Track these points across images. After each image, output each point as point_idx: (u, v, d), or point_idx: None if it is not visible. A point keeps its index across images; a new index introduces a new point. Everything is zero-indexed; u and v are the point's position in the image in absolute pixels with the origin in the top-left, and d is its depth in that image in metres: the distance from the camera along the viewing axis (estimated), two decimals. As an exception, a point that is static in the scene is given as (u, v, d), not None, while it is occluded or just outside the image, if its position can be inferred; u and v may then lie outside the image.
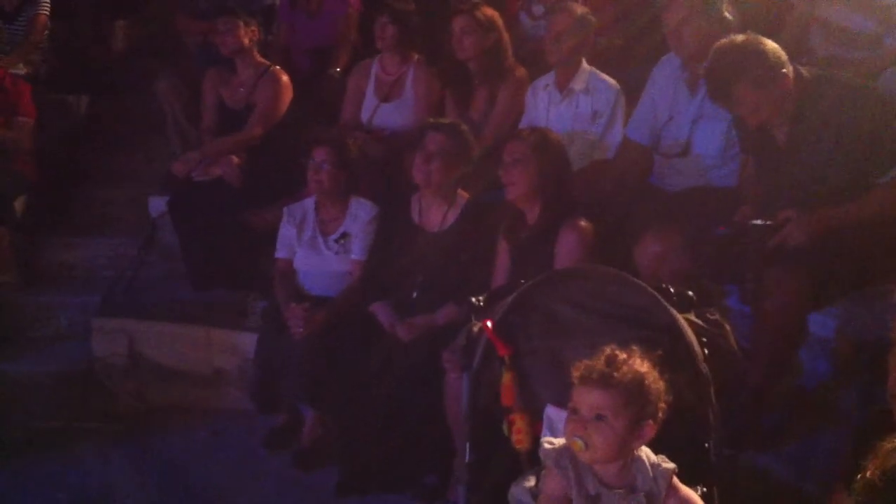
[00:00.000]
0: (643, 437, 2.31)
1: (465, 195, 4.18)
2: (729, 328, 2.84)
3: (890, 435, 1.87)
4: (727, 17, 4.06)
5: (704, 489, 2.47)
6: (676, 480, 2.35)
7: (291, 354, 4.08)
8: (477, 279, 3.87)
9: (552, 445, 2.38)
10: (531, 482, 2.53)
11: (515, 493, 2.56)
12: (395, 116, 4.98)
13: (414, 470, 3.94)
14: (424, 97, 4.96)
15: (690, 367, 2.55)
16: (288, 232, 4.40)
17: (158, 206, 5.38)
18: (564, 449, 2.35)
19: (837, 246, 3.46)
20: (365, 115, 5.05)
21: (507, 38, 4.80)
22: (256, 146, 5.08)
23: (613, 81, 4.52)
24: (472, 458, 2.69)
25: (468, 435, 2.72)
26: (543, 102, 4.57)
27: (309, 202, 4.43)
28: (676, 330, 2.59)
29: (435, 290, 4.04)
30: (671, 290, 2.75)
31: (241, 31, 5.12)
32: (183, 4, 6.04)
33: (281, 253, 4.40)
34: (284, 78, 5.16)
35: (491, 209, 4.10)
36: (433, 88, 4.98)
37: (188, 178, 5.03)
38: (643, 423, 2.30)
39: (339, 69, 5.46)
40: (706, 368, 2.58)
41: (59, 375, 4.76)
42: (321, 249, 4.34)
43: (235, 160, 4.99)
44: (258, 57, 5.23)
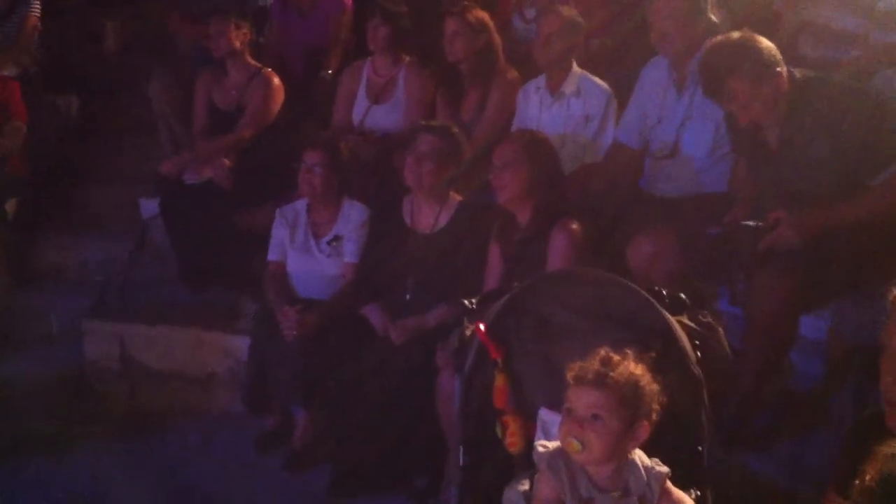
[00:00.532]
0: (638, 437, 2.32)
1: (457, 197, 4.19)
2: (721, 330, 2.85)
3: (884, 439, 1.87)
4: (712, 18, 4.08)
5: (698, 492, 2.48)
6: (670, 484, 2.36)
7: (284, 357, 4.08)
8: (469, 281, 3.88)
9: (546, 448, 2.38)
10: (525, 485, 2.53)
11: (509, 496, 2.56)
12: (386, 118, 4.98)
13: (406, 471, 3.95)
14: (416, 99, 4.96)
15: (683, 369, 2.56)
16: (280, 234, 4.40)
17: (150, 208, 5.37)
18: (558, 451, 2.36)
19: (829, 247, 3.47)
20: (357, 116, 5.05)
21: (498, 40, 4.80)
22: (248, 148, 5.08)
23: (605, 84, 4.52)
24: (465, 460, 2.70)
25: (461, 437, 2.72)
26: (535, 105, 4.57)
27: (301, 204, 4.43)
28: (669, 332, 2.60)
29: (427, 291, 4.04)
30: (663, 292, 2.76)
31: (232, 33, 5.11)
32: (175, 5, 6.02)
33: (273, 255, 4.40)
34: (276, 80, 5.15)
35: (483, 211, 4.10)
36: (425, 90, 4.98)
37: (179, 180, 5.02)
38: (638, 423, 2.31)
39: (330, 71, 5.46)
40: (699, 371, 2.58)
41: (50, 378, 4.74)
42: (313, 252, 4.34)
43: (226, 162, 4.98)
44: (250, 59, 5.22)
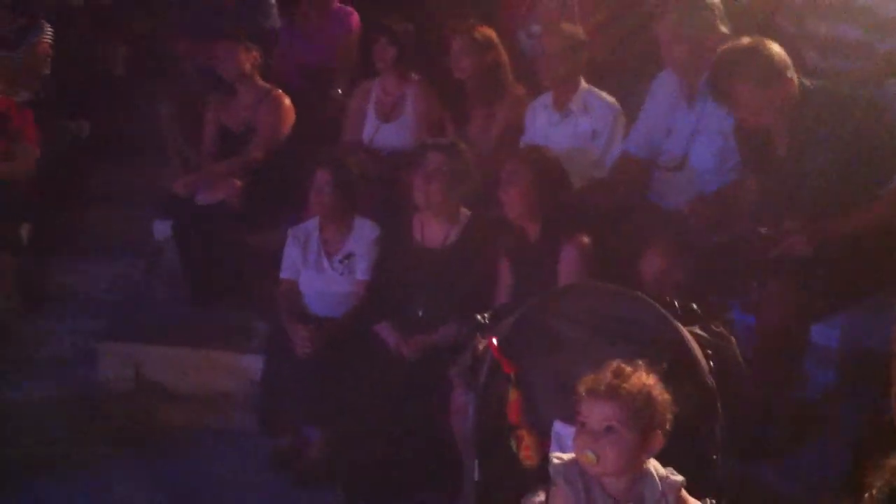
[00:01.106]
0: (652, 448, 2.33)
1: (467, 212, 4.21)
2: (734, 340, 2.86)
3: (894, 448, 1.87)
4: (723, 30, 4.08)
5: (713, 501, 2.49)
6: (685, 493, 2.37)
7: (297, 375, 4.09)
8: (480, 296, 3.89)
9: (561, 461, 2.39)
10: (541, 498, 2.53)
11: (525, 509, 2.57)
12: (396, 136, 5.01)
13: (420, 487, 3.95)
14: (425, 117, 5.00)
15: (696, 380, 2.57)
16: (292, 253, 4.41)
17: (163, 229, 5.39)
18: (573, 464, 2.36)
19: (839, 256, 3.47)
20: (366, 135, 5.08)
21: (505, 56, 4.83)
22: (258, 168, 5.10)
23: (612, 100, 4.54)
24: (480, 475, 2.70)
25: (475, 453, 2.73)
26: (543, 122, 4.59)
27: (312, 223, 4.45)
28: (682, 343, 2.61)
29: (439, 307, 4.05)
30: (675, 303, 2.78)
31: (241, 55, 5.12)
32: (183, 27, 6.07)
33: (286, 274, 4.41)
34: (286, 101, 5.18)
35: (493, 226, 4.12)
36: (433, 108, 5.02)
37: (191, 200, 5.05)
38: (652, 433, 2.32)
39: (340, 90, 5.49)
40: (712, 381, 2.60)
41: (63, 399, 4.75)
42: (326, 270, 4.35)
43: (237, 183, 5.01)
44: (259, 80, 5.24)
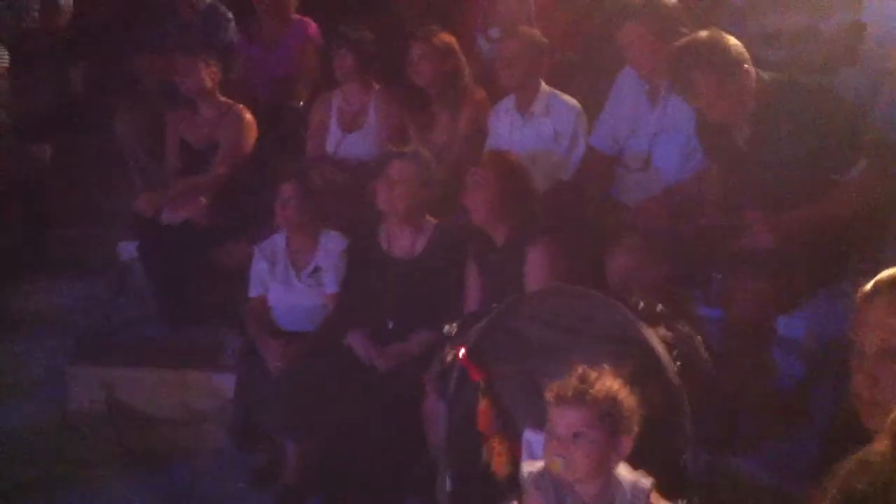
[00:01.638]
0: (621, 452, 2.36)
1: (432, 220, 4.22)
2: (699, 338, 2.89)
3: (860, 438, 1.89)
4: (684, 31, 4.12)
5: (685, 501, 2.51)
6: (656, 495, 2.39)
7: (270, 391, 4.08)
8: (450, 303, 3.90)
9: (532, 469, 2.41)
10: (513, 506, 2.55)
11: (498, 518, 2.58)
12: (360, 146, 5.01)
13: (399, 497, 3.95)
14: (387, 125, 4.99)
15: (663, 380, 2.60)
16: (260, 269, 4.40)
17: (128, 250, 5.36)
18: (545, 472, 2.38)
19: (800, 246, 3.52)
20: (330, 146, 5.07)
21: (464, 62, 4.85)
22: (222, 183, 5.09)
23: (574, 101, 4.57)
24: (452, 485, 2.71)
25: (447, 462, 2.74)
26: (505, 126, 4.62)
27: (279, 238, 4.43)
28: (646, 344, 2.64)
29: (409, 317, 4.06)
30: (640, 304, 2.80)
31: (202, 71, 5.10)
32: (142, 42, 6.04)
33: (254, 290, 4.39)
34: (248, 116, 5.16)
35: (459, 232, 4.13)
36: (396, 116, 5.01)
37: (156, 219, 5.02)
38: (620, 437, 2.35)
39: (302, 102, 5.48)
40: (678, 380, 2.62)
41: (34, 424, 4.71)
42: (294, 284, 4.34)
43: (202, 200, 4.99)
44: (219, 96, 5.22)
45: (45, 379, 5.00)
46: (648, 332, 2.66)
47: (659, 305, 2.85)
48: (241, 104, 5.21)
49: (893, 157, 3.58)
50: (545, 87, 4.59)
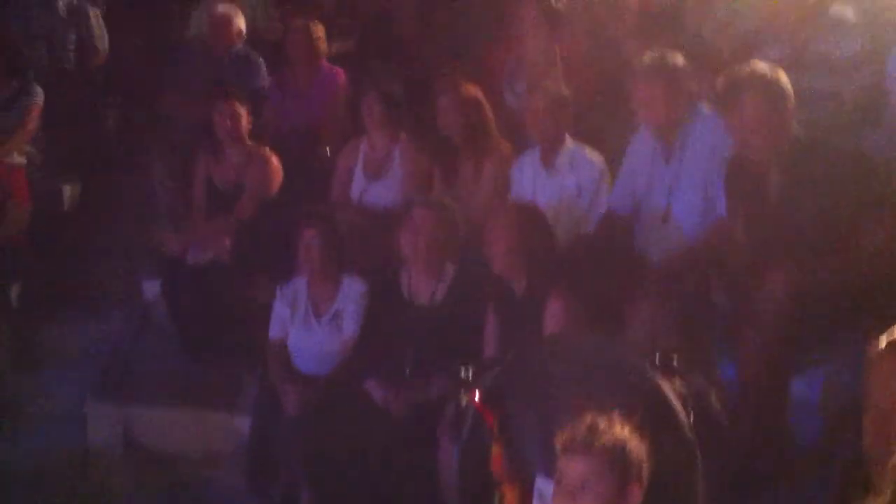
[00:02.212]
0: (631, 501, 2.35)
1: (453, 268, 4.24)
2: (714, 393, 2.89)
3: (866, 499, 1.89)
4: (693, 88, 4.18)
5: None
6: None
7: (287, 434, 4.09)
8: (468, 351, 3.91)
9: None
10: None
11: (508, 565, 2.58)
12: (384, 194, 5.05)
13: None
14: (412, 174, 5.04)
15: (676, 433, 2.60)
16: (280, 312, 4.44)
17: (152, 289, 5.43)
18: (555, 520, 2.38)
19: (814, 305, 3.51)
20: (355, 193, 5.13)
21: (490, 114, 4.91)
22: (247, 225, 5.15)
23: (598, 157, 4.61)
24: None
25: (460, 508, 2.75)
26: (529, 178, 4.66)
27: (301, 281, 4.47)
28: (661, 394, 2.64)
29: (428, 363, 4.07)
30: (656, 355, 2.81)
31: (235, 114, 5.16)
32: (174, 84, 6.15)
33: (274, 332, 4.43)
34: (274, 160, 5.23)
35: (479, 280, 4.16)
36: (421, 165, 5.06)
37: (181, 260, 5.08)
38: (629, 486, 2.34)
39: (328, 148, 5.56)
40: (692, 434, 2.62)
41: (55, 458, 4.74)
42: (314, 328, 4.37)
43: (227, 241, 5.06)
44: (248, 139, 5.28)
45: (66, 414, 5.03)
46: (664, 383, 2.67)
47: (675, 358, 2.86)
48: (267, 148, 5.29)
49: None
50: (570, 141, 4.64)
